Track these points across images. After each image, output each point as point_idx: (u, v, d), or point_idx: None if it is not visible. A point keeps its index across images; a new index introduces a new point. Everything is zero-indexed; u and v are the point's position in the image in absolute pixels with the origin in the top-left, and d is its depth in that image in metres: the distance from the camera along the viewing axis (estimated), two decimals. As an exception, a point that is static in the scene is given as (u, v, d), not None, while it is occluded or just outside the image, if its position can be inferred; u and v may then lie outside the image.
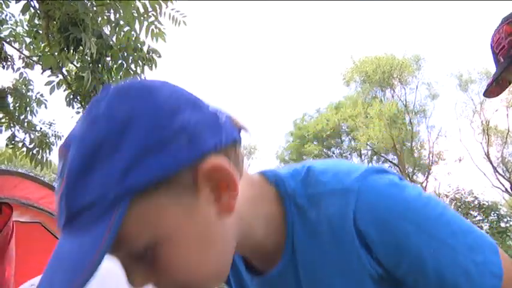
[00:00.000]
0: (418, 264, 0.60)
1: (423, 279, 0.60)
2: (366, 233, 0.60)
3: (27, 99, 6.01)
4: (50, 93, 4.33)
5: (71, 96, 4.33)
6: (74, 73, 4.65)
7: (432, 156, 23.67)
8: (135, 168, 0.49)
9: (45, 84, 4.28)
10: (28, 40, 5.73)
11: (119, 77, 3.88)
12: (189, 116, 0.53)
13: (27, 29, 5.68)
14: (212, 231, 0.57)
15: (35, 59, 5.79)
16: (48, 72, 4.51)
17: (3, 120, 5.86)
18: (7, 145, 5.68)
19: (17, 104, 5.93)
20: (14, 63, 5.87)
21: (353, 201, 0.60)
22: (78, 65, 4.33)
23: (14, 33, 5.76)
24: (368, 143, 23.58)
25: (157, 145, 0.50)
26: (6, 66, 5.77)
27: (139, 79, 0.63)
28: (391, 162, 24.51)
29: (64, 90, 4.48)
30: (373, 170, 0.64)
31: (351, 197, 0.60)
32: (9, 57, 5.70)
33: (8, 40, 5.60)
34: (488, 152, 22.03)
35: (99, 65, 3.79)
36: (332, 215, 0.62)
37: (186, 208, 0.54)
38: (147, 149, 0.50)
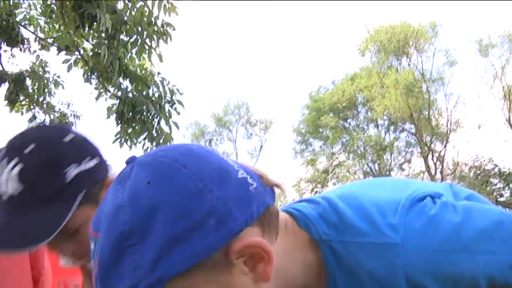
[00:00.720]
0: (473, 281, 0.65)
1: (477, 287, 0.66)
2: (422, 283, 0.63)
3: (45, 81, 6.09)
4: (68, 71, 4.38)
5: (89, 73, 4.38)
6: (90, 51, 4.70)
7: (450, 124, 23.37)
8: (163, 259, 0.49)
9: (63, 63, 4.32)
10: (42, 23, 5.77)
11: (135, 52, 3.92)
12: (217, 195, 0.52)
13: (40, 11, 5.71)
14: None
15: (50, 41, 5.84)
16: (65, 53, 4.56)
17: (23, 103, 5.97)
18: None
19: (35, 86, 6.02)
20: (30, 46, 5.94)
21: (401, 258, 0.62)
22: (93, 43, 4.36)
23: (28, 17, 5.81)
24: (384, 113, 23.34)
25: (184, 233, 0.49)
26: (23, 49, 5.85)
27: (162, 149, 0.58)
28: (408, 131, 24.32)
29: (81, 68, 4.54)
30: (407, 208, 0.65)
31: (396, 253, 0.62)
32: (25, 40, 5.77)
33: (23, 24, 5.65)
34: (509, 118, 21.63)
35: (115, 41, 3.81)
36: (375, 268, 0.63)
37: (220, 284, 0.53)
38: (174, 239, 0.49)
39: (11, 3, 5.30)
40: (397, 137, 25.05)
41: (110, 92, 4.72)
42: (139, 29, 3.89)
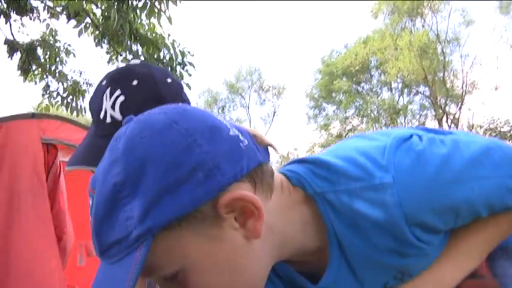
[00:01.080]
0: (472, 210, 0.66)
1: (478, 215, 0.68)
2: (422, 220, 0.64)
3: (56, 50, 6.09)
4: (79, 36, 4.37)
5: (100, 38, 4.37)
6: (100, 16, 4.67)
7: (466, 86, 22.91)
8: (153, 209, 0.51)
9: (74, 27, 4.31)
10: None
11: (144, 15, 3.88)
12: (206, 149, 0.53)
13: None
14: (241, 256, 0.58)
15: (58, 9, 5.80)
16: (75, 19, 4.54)
17: (36, 72, 5.99)
18: (43, 95, 5.83)
19: (47, 56, 6.03)
20: (39, 15, 5.92)
21: (395, 196, 0.62)
22: (103, 8, 4.33)
23: (35, -15, 5.75)
24: (398, 75, 22.94)
25: (172, 185, 0.51)
26: (32, 18, 5.83)
27: (157, 108, 0.59)
28: (422, 94, 23.96)
29: (91, 34, 4.53)
30: (394, 148, 0.65)
31: (390, 192, 0.63)
32: (34, 9, 5.74)
33: (31, -8, 5.60)
34: (526, 78, 21.10)
35: (124, 4, 3.78)
36: (372, 212, 0.63)
37: (211, 238, 0.55)
38: (163, 190, 0.51)
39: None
40: (411, 100, 24.70)
41: (121, 55, 4.74)
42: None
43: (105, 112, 0.90)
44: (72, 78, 6.09)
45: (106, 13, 4.03)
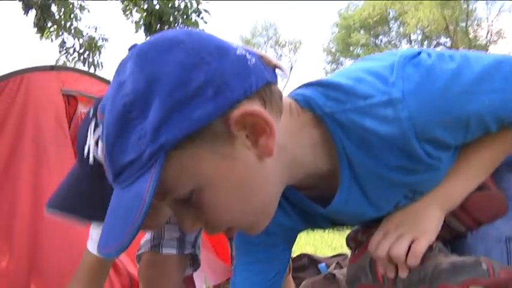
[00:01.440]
0: (481, 122, 0.67)
1: (487, 129, 0.68)
2: (431, 134, 0.64)
3: (70, 6, 6.05)
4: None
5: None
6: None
7: (491, 35, 22.19)
8: (164, 126, 0.51)
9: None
10: None
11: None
12: (214, 67, 0.53)
13: None
14: (253, 174, 0.58)
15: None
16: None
17: (52, 29, 5.98)
18: (60, 52, 5.85)
19: (62, 12, 5.99)
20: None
21: (404, 110, 0.62)
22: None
23: None
24: (418, 26, 22.27)
25: (182, 102, 0.51)
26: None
27: (161, 33, 0.58)
28: (443, 45, 23.29)
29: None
30: (403, 64, 0.64)
31: (399, 107, 0.62)
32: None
33: None
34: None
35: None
36: (382, 129, 0.63)
37: (223, 156, 0.55)
38: (174, 107, 0.51)
39: None
40: (431, 52, 24.08)
41: (136, 6, 4.71)
42: None
43: (88, 150, 0.81)
44: (87, 34, 6.08)
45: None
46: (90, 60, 5.62)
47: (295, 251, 3.69)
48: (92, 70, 5.71)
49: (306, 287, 2.56)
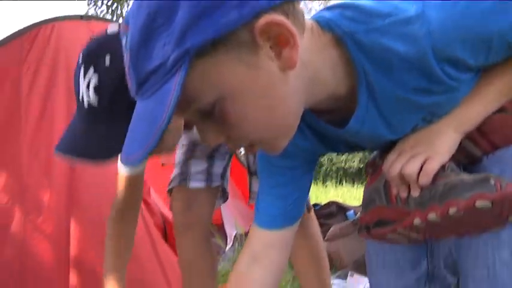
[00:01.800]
0: (504, 42, 0.65)
1: (511, 52, 0.67)
2: (450, 53, 0.63)
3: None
4: None
5: None
6: None
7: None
8: (189, 31, 0.51)
9: None
10: None
11: None
12: None
13: None
14: (277, 87, 0.59)
15: None
16: None
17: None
18: (88, 4, 5.88)
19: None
20: None
21: (424, 26, 0.62)
22: None
23: None
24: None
25: (207, 8, 0.51)
26: None
27: None
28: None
29: None
30: None
31: (419, 23, 0.62)
32: None
33: None
34: None
35: None
36: (401, 47, 0.63)
37: (247, 65, 0.55)
38: (200, 13, 0.51)
39: None
40: None
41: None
42: None
43: (82, 96, 0.84)
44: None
45: None
46: (119, 12, 5.63)
47: (324, 201, 3.73)
48: (120, 21, 5.74)
49: (334, 232, 2.63)
